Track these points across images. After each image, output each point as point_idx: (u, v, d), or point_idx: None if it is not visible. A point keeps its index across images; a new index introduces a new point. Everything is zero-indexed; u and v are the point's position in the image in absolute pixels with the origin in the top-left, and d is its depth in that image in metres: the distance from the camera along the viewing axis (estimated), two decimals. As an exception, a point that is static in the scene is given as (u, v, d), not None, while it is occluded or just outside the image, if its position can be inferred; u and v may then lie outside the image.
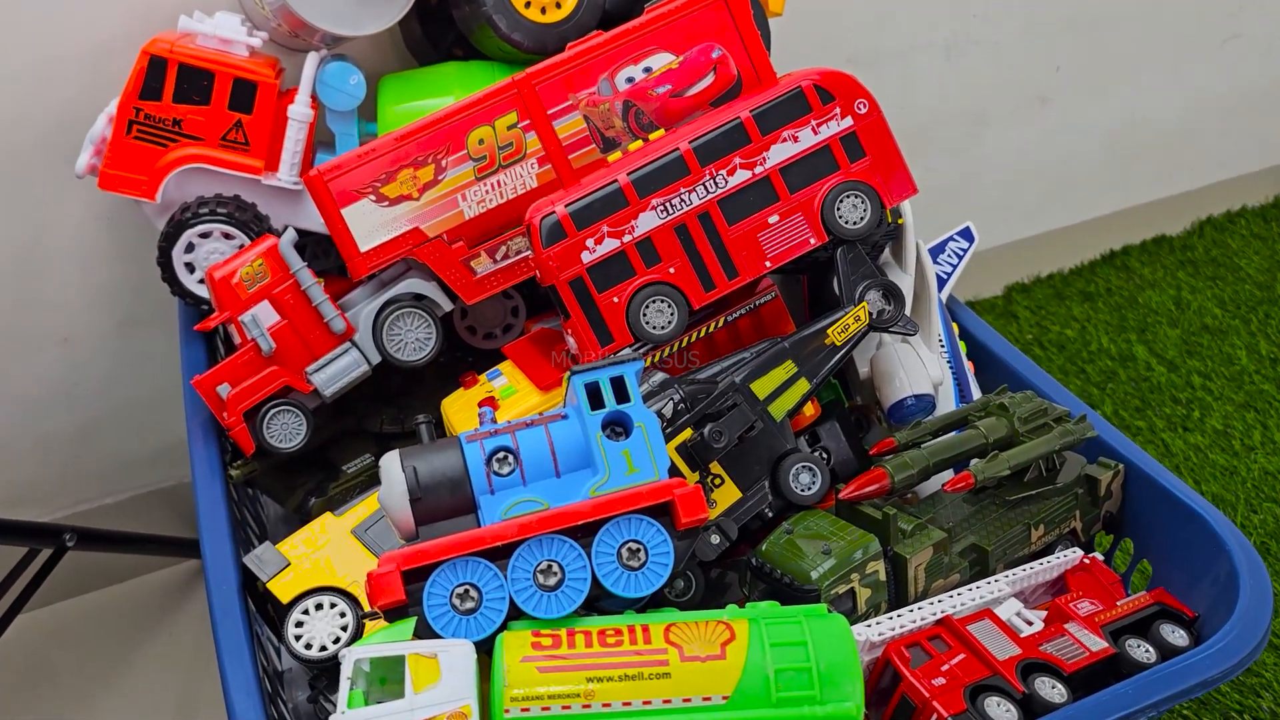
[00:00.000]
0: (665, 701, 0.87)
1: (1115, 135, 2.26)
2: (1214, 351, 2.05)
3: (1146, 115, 2.26)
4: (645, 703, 0.86)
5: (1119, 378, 2.01)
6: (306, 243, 1.42)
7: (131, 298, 1.60)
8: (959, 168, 2.12)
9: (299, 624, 1.08)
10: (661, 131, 1.21)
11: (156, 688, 1.63)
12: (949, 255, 1.45)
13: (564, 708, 0.86)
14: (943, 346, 1.32)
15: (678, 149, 1.14)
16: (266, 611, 1.15)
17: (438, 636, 0.91)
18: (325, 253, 1.44)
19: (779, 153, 1.15)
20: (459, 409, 1.23)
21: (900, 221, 1.33)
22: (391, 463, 0.97)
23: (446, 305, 1.27)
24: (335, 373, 1.24)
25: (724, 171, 1.15)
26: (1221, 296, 2.19)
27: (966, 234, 1.47)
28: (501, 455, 0.97)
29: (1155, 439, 1.87)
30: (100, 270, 1.58)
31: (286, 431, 1.23)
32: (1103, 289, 2.24)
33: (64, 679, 1.66)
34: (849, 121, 1.16)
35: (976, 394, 1.33)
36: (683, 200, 1.14)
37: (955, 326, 1.39)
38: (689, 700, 0.87)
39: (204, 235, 1.31)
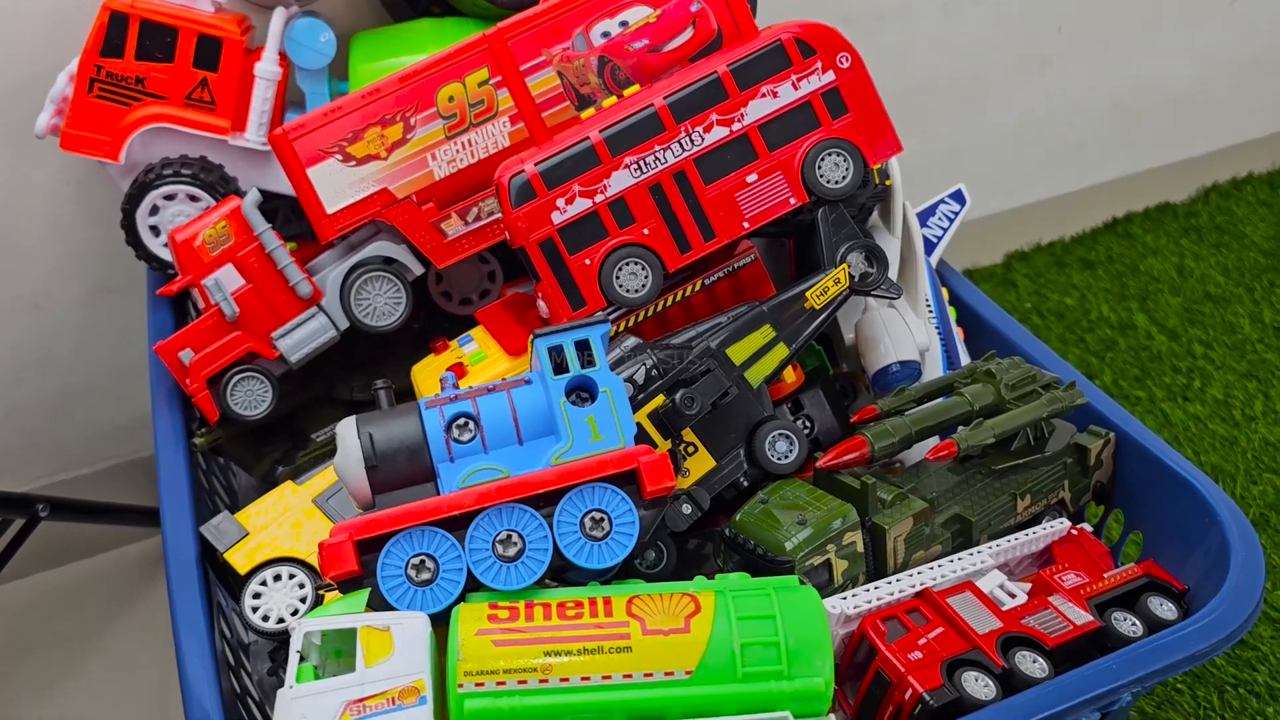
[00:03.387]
0: (626, 676, 0.83)
1: (1119, 99, 2.20)
2: (1216, 320, 2.00)
3: (1152, 78, 2.21)
4: (605, 677, 0.83)
5: (1119, 346, 1.97)
6: (278, 207, 1.39)
7: (103, 264, 1.57)
8: (957, 132, 2.07)
9: (256, 595, 1.05)
10: (637, 88, 1.17)
11: (136, 660, 1.61)
12: (940, 218, 1.41)
13: (520, 682, 0.83)
14: (931, 312, 1.28)
15: (652, 105, 1.10)
16: (228, 582, 1.12)
17: (392, 609, 0.87)
18: (297, 216, 1.40)
19: (757, 109, 1.11)
20: (429, 375, 1.19)
21: (888, 183, 1.29)
22: (347, 429, 0.94)
23: (417, 269, 1.23)
24: (302, 338, 1.20)
25: (700, 128, 1.10)
26: (1225, 264, 2.14)
27: (958, 196, 1.42)
28: (461, 421, 0.93)
29: (1155, 409, 1.82)
30: (70, 236, 1.55)
31: (251, 399, 1.20)
32: (1104, 256, 2.19)
33: (44, 651, 1.63)
34: (830, 76, 1.11)
35: (965, 361, 1.29)
36: (657, 158, 1.10)
37: (945, 292, 1.35)
38: (650, 675, 0.83)
39: (169, 197, 1.27)
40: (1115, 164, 2.30)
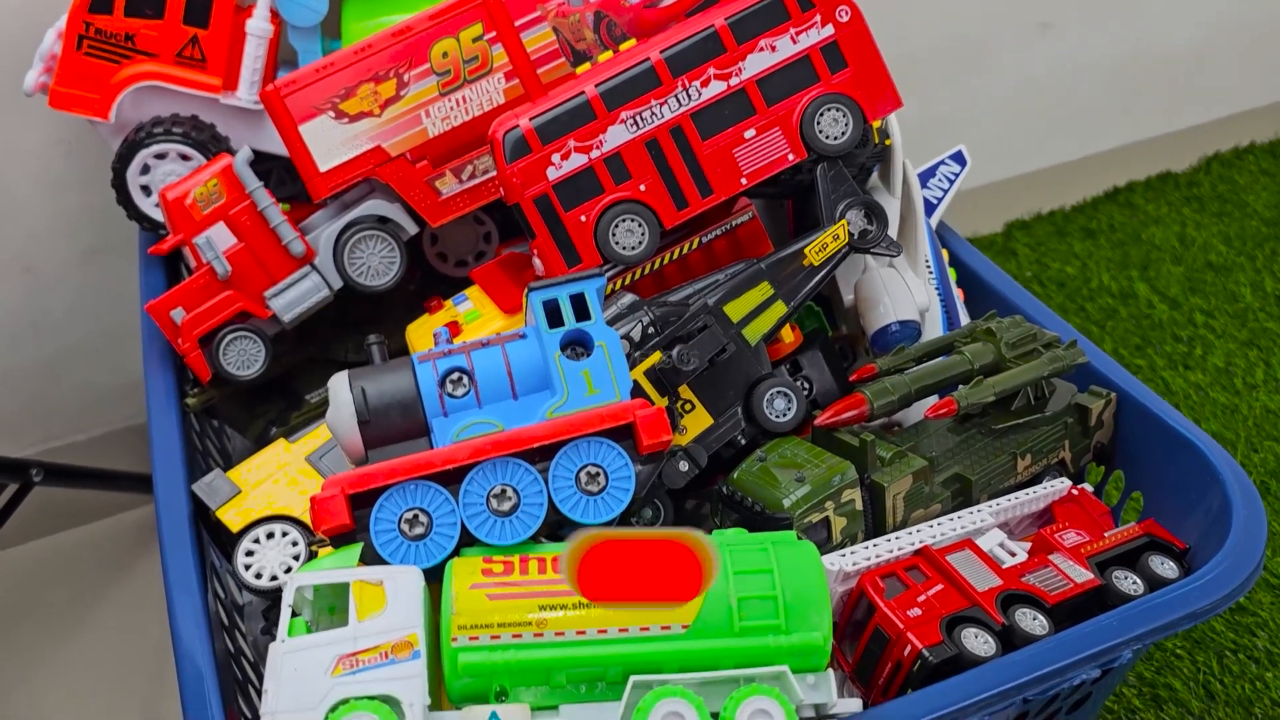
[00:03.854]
0: (621, 631, 0.82)
1: (1121, 65, 2.18)
2: (1218, 289, 1.99)
3: (1154, 43, 2.18)
4: (600, 632, 0.82)
5: (1119, 315, 1.96)
6: (272, 167, 1.37)
7: (95, 225, 1.55)
8: (956, 98, 2.05)
9: (249, 553, 1.04)
10: (634, 42, 1.15)
11: (131, 627, 1.60)
12: (940, 179, 1.39)
13: (515, 636, 0.82)
14: (930, 272, 1.26)
15: (648, 59, 1.08)
16: (222, 542, 1.11)
17: (385, 563, 0.86)
18: (292, 178, 1.38)
19: (755, 63, 1.09)
20: (424, 334, 1.18)
21: (888, 143, 1.27)
22: (339, 384, 0.93)
23: (411, 228, 1.21)
24: (295, 298, 1.19)
25: (697, 83, 1.09)
26: (1227, 233, 2.12)
27: (959, 157, 1.41)
28: (456, 376, 0.92)
29: (1155, 377, 1.81)
30: (62, 197, 1.53)
31: (244, 358, 1.19)
32: (1105, 225, 2.18)
33: (39, 618, 1.63)
34: (830, 30, 1.10)
35: (965, 322, 1.28)
36: (654, 113, 1.08)
37: (945, 253, 1.33)
38: (646, 630, 0.83)
39: (160, 156, 1.26)
40: (1117, 132, 2.28)
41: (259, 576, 1.03)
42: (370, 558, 0.87)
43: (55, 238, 1.55)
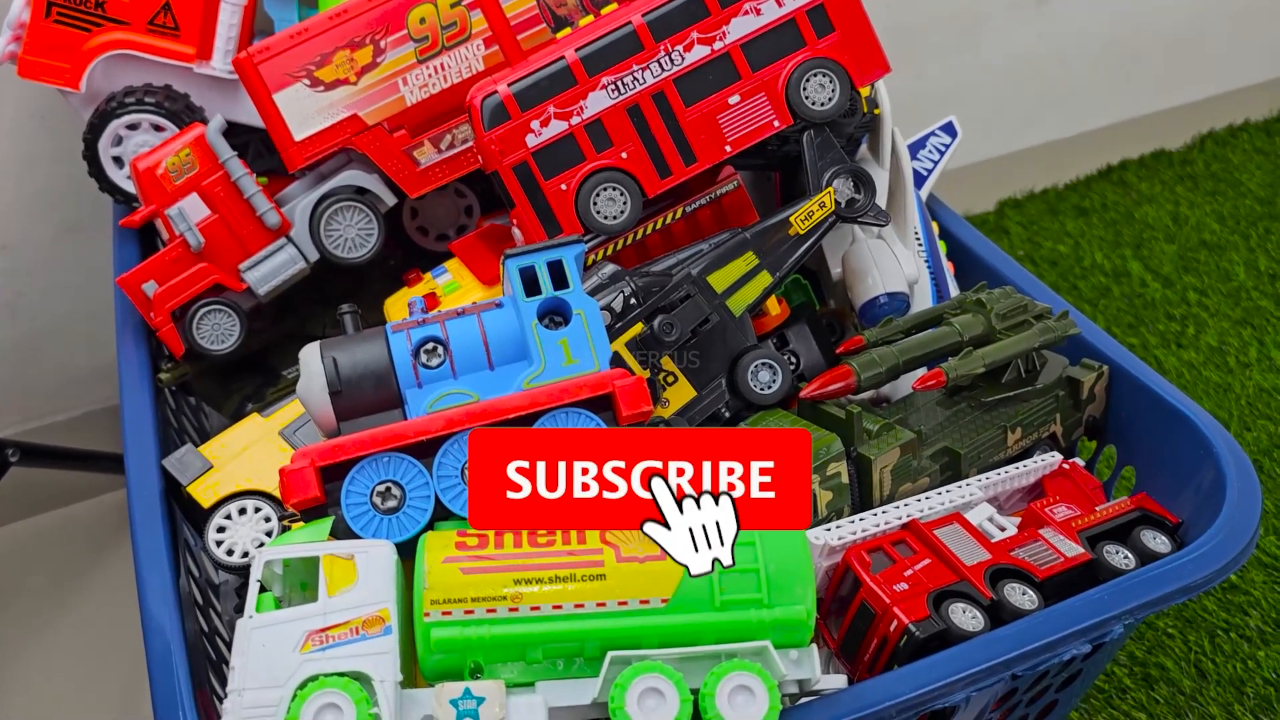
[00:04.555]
0: (599, 605, 0.80)
1: (1115, 41, 2.16)
2: (1211, 267, 1.97)
3: (1149, 20, 2.16)
4: (577, 606, 0.80)
5: (1112, 294, 1.94)
6: (249, 140, 1.34)
7: (71, 201, 1.53)
8: (950, 73, 2.02)
9: (221, 529, 1.01)
10: (615, 6, 1.12)
11: (110, 610, 1.58)
12: (930, 150, 1.37)
13: (489, 611, 0.79)
14: (920, 244, 1.24)
15: (630, 23, 1.05)
16: (195, 519, 1.08)
17: (357, 537, 0.84)
18: (269, 151, 1.35)
19: (740, 27, 1.06)
20: (401, 307, 1.15)
21: (877, 112, 1.25)
22: (310, 354, 0.90)
23: (389, 199, 1.19)
24: (270, 270, 1.17)
25: (680, 47, 1.06)
26: (1221, 212, 2.10)
27: (949, 129, 1.38)
28: (430, 346, 0.90)
29: (1148, 356, 1.79)
30: (37, 173, 1.50)
31: (218, 332, 1.16)
32: (1098, 204, 2.15)
33: (20, 598, 1.60)
34: (817, -7, 1.07)
35: (955, 295, 1.26)
36: (635, 79, 1.06)
37: (935, 225, 1.31)
38: (625, 603, 0.80)
39: (132, 127, 1.23)
40: (1110, 109, 2.26)
41: (231, 553, 1.01)
42: (342, 531, 0.85)
43: (31, 215, 1.53)
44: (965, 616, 0.89)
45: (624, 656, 0.79)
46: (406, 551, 0.85)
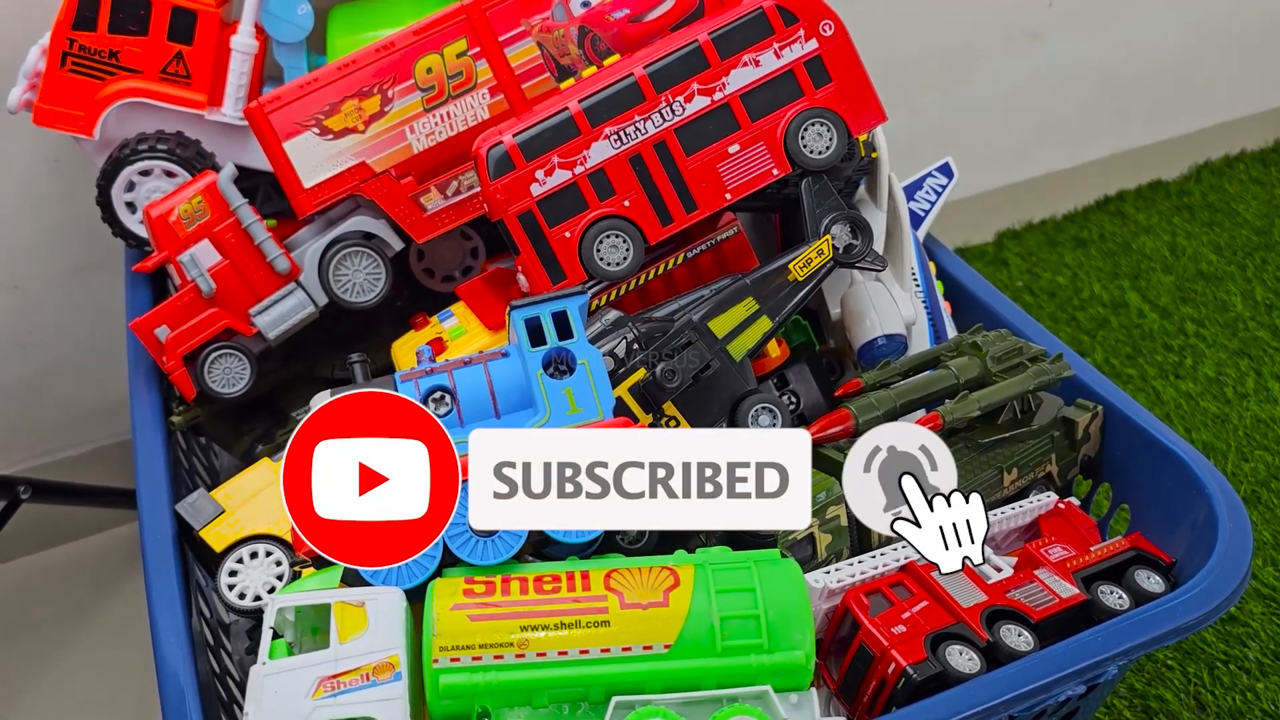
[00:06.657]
0: (604, 651, 0.82)
1: (1111, 73, 2.18)
2: (1208, 298, 1.99)
3: (1143, 51, 2.18)
4: (582, 652, 0.82)
5: (1110, 325, 1.96)
6: (258, 183, 1.37)
7: (82, 242, 1.55)
8: (945, 107, 2.05)
9: (233, 573, 1.03)
10: (618, 58, 1.15)
11: (119, 645, 1.59)
12: (927, 192, 1.39)
13: (496, 658, 0.81)
14: (917, 285, 1.26)
15: (632, 74, 1.08)
16: (207, 560, 1.10)
17: (367, 584, 0.86)
18: (278, 194, 1.38)
19: (739, 78, 1.09)
20: (409, 351, 1.18)
21: (874, 155, 1.27)
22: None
23: (396, 244, 1.21)
24: (280, 314, 1.19)
25: (681, 98, 1.08)
26: (1218, 242, 2.12)
27: (945, 170, 1.41)
28: (438, 395, 0.92)
29: (1146, 386, 1.81)
30: (48, 214, 1.53)
31: (229, 376, 1.19)
32: (1096, 235, 2.18)
33: (29, 632, 1.62)
34: (813, 44, 1.10)
35: (952, 335, 1.28)
36: (638, 129, 1.08)
37: (932, 266, 1.33)
38: (629, 649, 0.82)
39: (144, 173, 1.26)
40: (1107, 141, 2.28)
41: (243, 596, 1.03)
42: (352, 578, 0.87)
43: (41, 255, 1.55)
44: (962, 658, 0.91)
45: (628, 701, 0.81)
46: (414, 597, 0.87)
